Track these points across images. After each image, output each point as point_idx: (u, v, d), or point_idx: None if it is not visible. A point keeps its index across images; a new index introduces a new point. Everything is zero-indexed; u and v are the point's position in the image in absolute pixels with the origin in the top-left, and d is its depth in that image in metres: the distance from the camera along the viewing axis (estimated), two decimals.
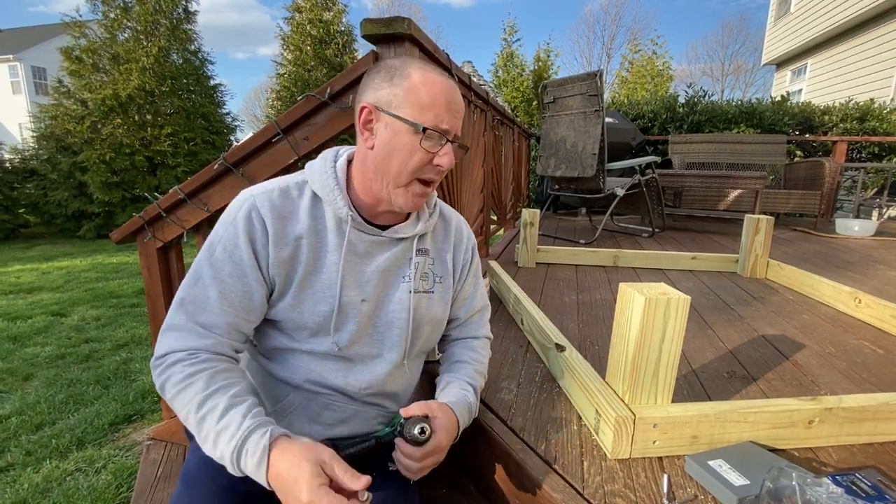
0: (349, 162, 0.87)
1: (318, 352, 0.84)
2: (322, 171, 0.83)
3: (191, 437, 0.90)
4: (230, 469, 0.68)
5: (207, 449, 0.69)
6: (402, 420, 0.80)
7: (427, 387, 1.09)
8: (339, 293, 0.82)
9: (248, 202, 0.79)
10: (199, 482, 0.81)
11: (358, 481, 0.64)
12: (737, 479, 0.82)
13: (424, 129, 0.76)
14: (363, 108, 0.79)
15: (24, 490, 1.82)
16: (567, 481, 0.88)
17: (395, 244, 0.87)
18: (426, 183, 0.82)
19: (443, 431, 0.80)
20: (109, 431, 2.25)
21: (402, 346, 0.89)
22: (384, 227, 0.86)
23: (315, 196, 0.83)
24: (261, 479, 0.65)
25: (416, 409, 0.80)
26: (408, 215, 0.90)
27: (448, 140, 0.79)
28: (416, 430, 0.76)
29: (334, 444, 0.78)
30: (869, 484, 0.82)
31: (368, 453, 0.81)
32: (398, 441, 0.79)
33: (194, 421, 0.69)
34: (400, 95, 0.76)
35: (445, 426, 0.80)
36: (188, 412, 0.70)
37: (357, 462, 0.76)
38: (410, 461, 0.77)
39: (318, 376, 0.84)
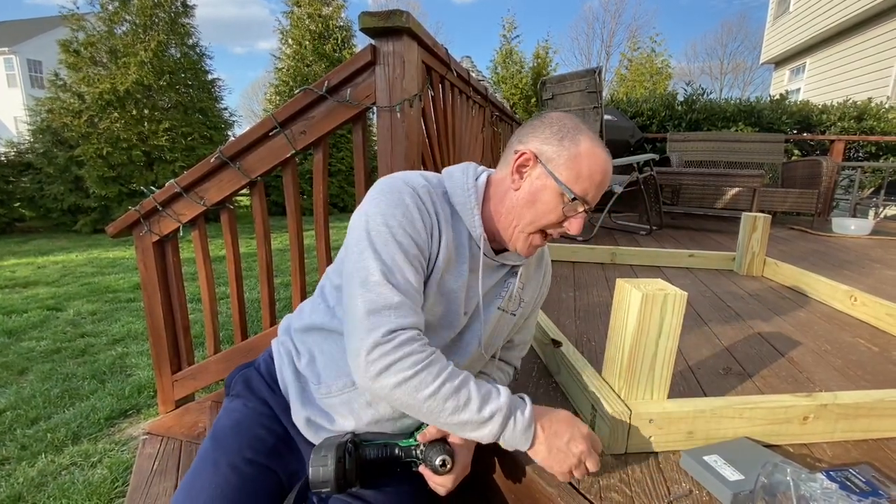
0: (486, 182, 0.88)
1: None
2: (464, 188, 0.85)
3: (228, 394, 0.98)
4: (489, 431, 0.73)
5: (465, 415, 0.72)
6: (422, 447, 0.82)
7: None
8: (462, 305, 0.85)
9: (408, 189, 0.79)
10: (226, 446, 0.86)
11: None
12: (731, 474, 0.82)
13: (574, 199, 0.79)
14: (524, 153, 0.81)
15: (20, 484, 1.82)
16: None
17: (501, 268, 0.91)
18: (545, 236, 0.85)
19: (464, 449, 0.83)
20: (105, 426, 2.25)
21: (471, 359, 0.92)
22: (495, 251, 0.90)
23: (453, 208, 0.85)
24: (529, 435, 0.76)
25: (435, 432, 0.82)
26: None
27: (584, 210, 0.81)
28: (438, 463, 0.78)
29: (357, 439, 0.82)
30: (863, 480, 0.83)
31: (390, 461, 0.84)
32: (425, 471, 0.82)
33: (450, 390, 0.72)
34: (564, 157, 0.79)
35: (466, 443, 0.83)
36: (442, 382, 0.72)
37: (377, 466, 0.81)
38: (441, 487, 0.82)
39: None
